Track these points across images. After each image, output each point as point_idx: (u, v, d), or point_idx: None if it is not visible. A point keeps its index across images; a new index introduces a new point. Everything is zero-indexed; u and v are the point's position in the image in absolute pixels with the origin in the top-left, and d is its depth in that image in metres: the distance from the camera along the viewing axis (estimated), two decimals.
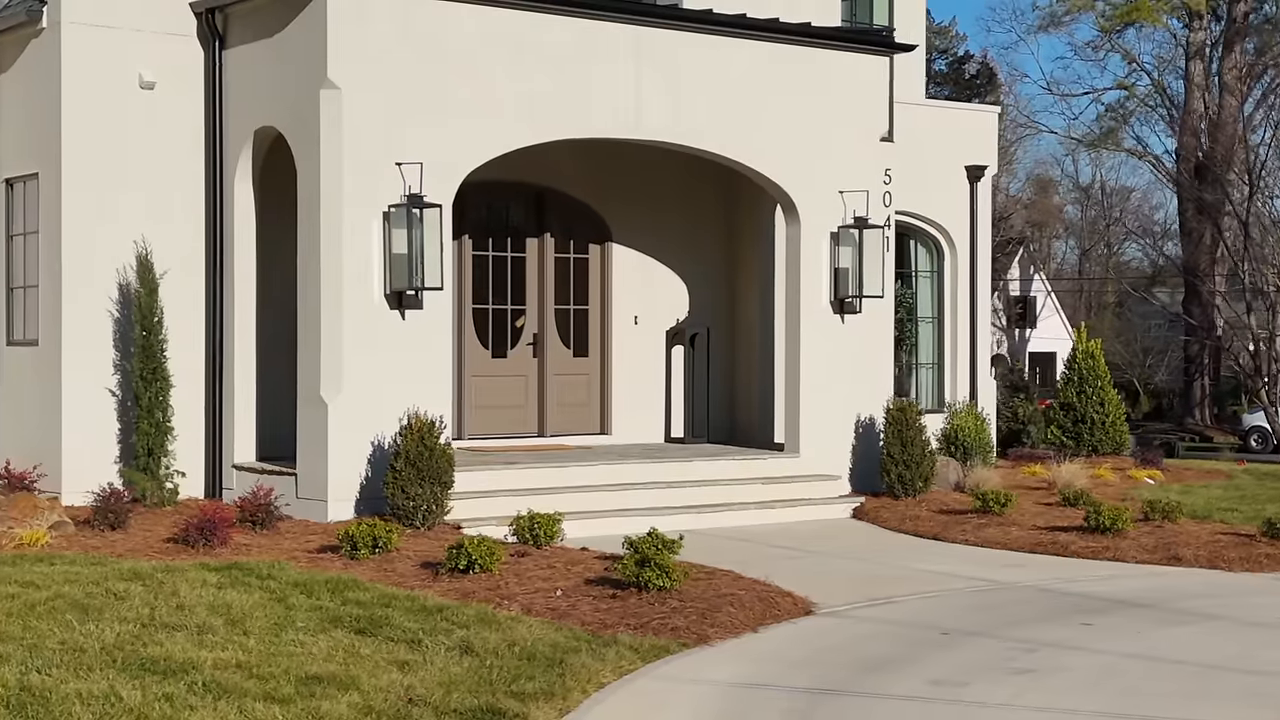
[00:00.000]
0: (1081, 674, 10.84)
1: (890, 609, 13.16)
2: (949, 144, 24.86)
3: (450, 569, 13.28)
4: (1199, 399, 51.50)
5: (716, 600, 12.62)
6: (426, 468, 15.67)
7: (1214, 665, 11.16)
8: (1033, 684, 10.54)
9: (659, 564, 12.66)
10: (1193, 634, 12.34)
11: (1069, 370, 27.51)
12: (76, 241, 17.23)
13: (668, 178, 20.58)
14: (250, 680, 9.65)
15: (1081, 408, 26.83)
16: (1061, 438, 26.71)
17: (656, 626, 11.81)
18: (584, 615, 12.09)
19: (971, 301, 25.67)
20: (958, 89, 68.83)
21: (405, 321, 16.54)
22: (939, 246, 25.69)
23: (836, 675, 10.76)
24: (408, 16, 16.55)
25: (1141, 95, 54.99)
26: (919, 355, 26.06)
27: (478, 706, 9.29)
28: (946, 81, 69.27)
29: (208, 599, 12.03)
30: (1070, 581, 14.60)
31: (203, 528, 14.55)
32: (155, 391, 16.88)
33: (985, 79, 68.96)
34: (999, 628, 12.34)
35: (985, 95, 68.95)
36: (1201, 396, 51.63)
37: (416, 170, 16.29)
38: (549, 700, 9.59)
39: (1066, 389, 27.19)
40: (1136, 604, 13.49)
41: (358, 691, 9.50)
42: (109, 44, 17.33)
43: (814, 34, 19.05)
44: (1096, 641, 11.88)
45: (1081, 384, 27.06)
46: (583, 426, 20.32)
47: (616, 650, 10.97)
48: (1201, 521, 18.04)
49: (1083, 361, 27.30)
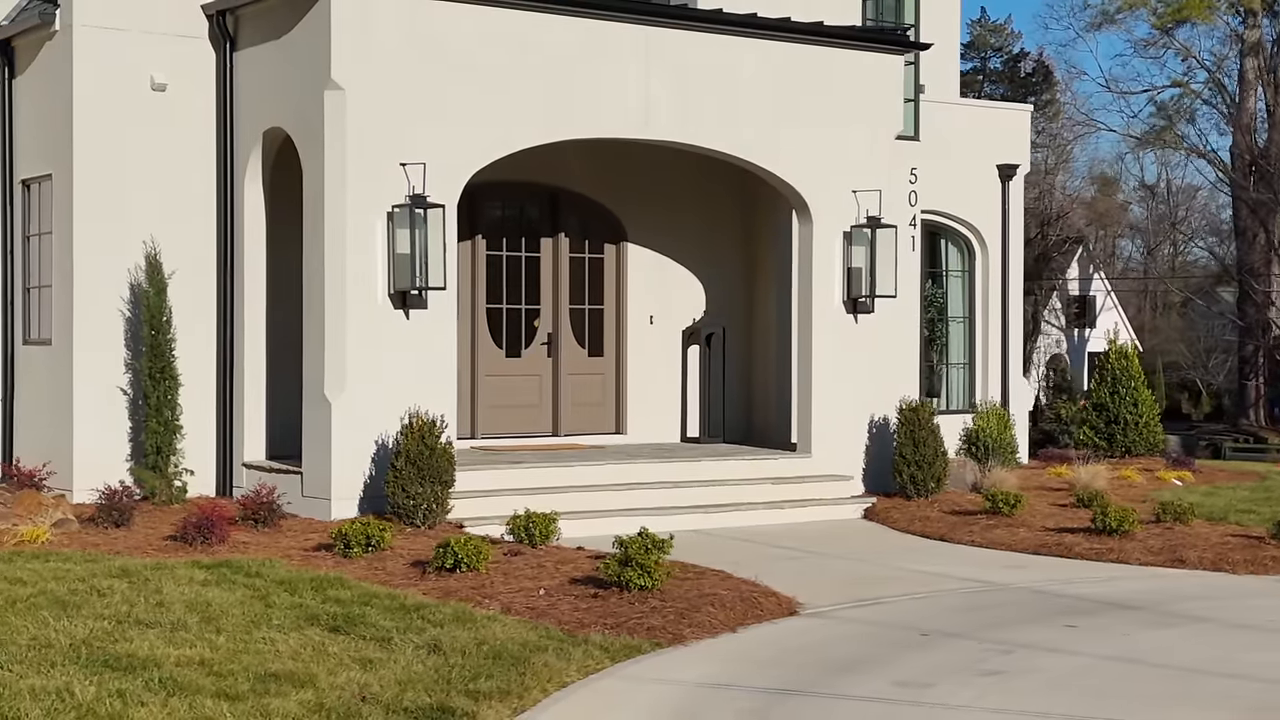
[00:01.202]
0: (1052, 676, 10.78)
1: (876, 610, 13.12)
2: (981, 143, 24.78)
3: (437, 568, 13.33)
4: (1253, 400, 51.06)
5: (698, 600, 12.62)
6: (427, 467, 15.74)
7: (1192, 668, 11.06)
8: (999, 686, 10.48)
9: (640, 564, 12.67)
10: (1178, 636, 12.24)
11: (1101, 371, 27.30)
12: (87, 242, 17.40)
13: (683, 177, 20.58)
14: (209, 677, 9.72)
15: (1115, 408, 26.58)
16: (1094, 439, 26.48)
17: (632, 626, 11.82)
18: (562, 615, 12.11)
19: (1003, 301, 25.56)
20: (1013, 87, 68.46)
21: (409, 321, 16.61)
22: (970, 246, 25.59)
23: (804, 676, 10.74)
24: (412, 17, 16.62)
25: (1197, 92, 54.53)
26: (950, 355, 25.97)
27: (429, 705, 9.33)
28: (1001, 80, 68.95)
29: (188, 596, 12.13)
30: (1067, 583, 14.50)
31: (200, 526, 14.67)
32: (163, 390, 17.03)
33: (1041, 77, 68.53)
34: (980, 629, 12.27)
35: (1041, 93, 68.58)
36: (1256, 397, 51.18)
37: (420, 170, 16.36)
38: (504, 699, 9.61)
39: (1099, 390, 26.97)
40: (1128, 606, 13.39)
41: (313, 689, 9.56)
42: (121, 46, 17.49)
43: (826, 33, 18.99)
44: (1076, 644, 11.80)
45: (1115, 385, 26.80)
46: (598, 426, 20.34)
47: (585, 650, 10.98)
48: (1216, 523, 17.87)
49: (1116, 362, 27.06)
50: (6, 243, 18.63)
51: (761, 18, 18.76)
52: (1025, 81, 68.45)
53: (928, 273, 25.69)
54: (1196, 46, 53.74)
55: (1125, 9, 51.30)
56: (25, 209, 18.55)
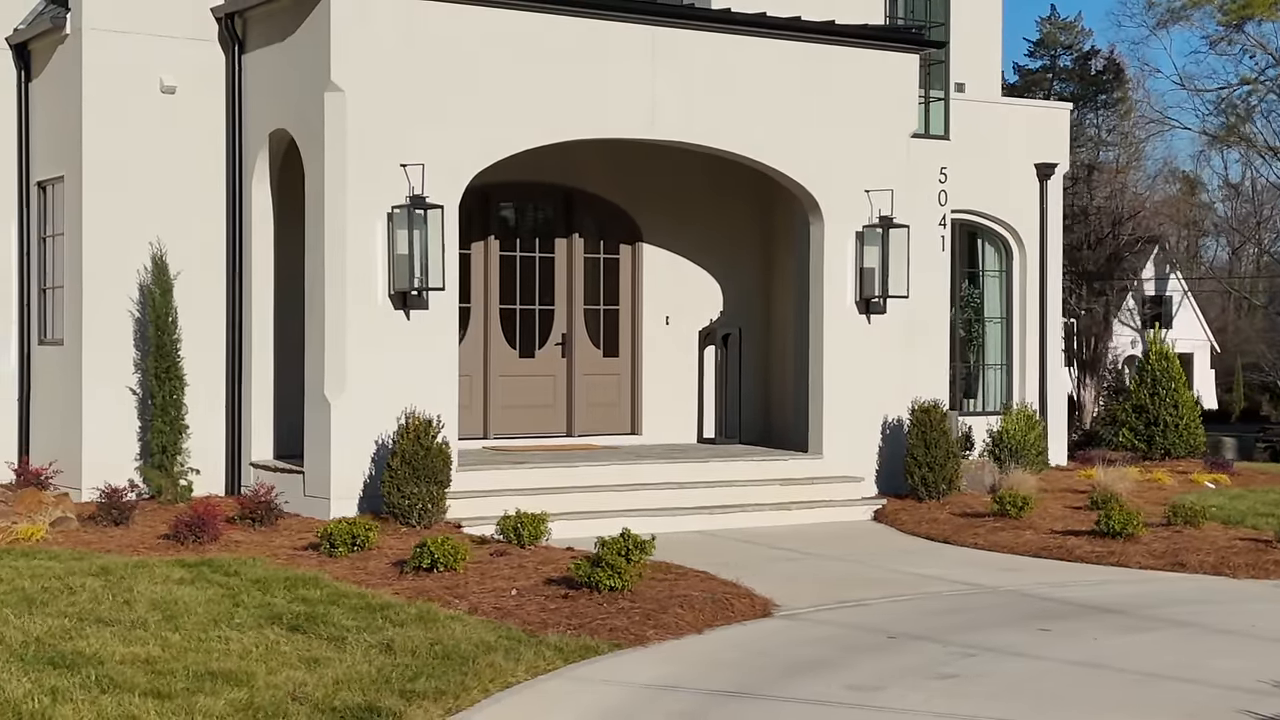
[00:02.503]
0: (1006, 680, 10.66)
1: (852, 612, 13.02)
2: (1019, 142, 24.58)
3: (414, 567, 13.37)
4: None
5: (668, 602, 12.57)
6: (422, 466, 15.78)
7: (1151, 673, 10.90)
8: (949, 689, 10.37)
9: (610, 564, 12.64)
10: (1151, 641, 12.07)
11: (1141, 372, 27.01)
12: (96, 243, 17.58)
13: (700, 178, 20.52)
14: (149, 676, 9.78)
15: (1154, 410, 26.26)
16: (1134, 440, 26.19)
17: (595, 627, 11.79)
18: (527, 615, 12.09)
19: (1041, 301, 25.34)
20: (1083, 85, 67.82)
21: (410, 321, 16.67)
22: (1008, 246, 25.39)
23: (756, 678, 10.67)
24: (413, 19, 16.67)
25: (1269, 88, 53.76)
26: (986, 356, 25.77)
27: (358, 704, 9.33)
28: (1071, 78, 68.30)
29: (158, 595, 12.22)
30: (1057, 586, 14.34)
31: (192, 525, 14.79)
32: (169, 390, 17.18)
33: (1112, 75, 67.75)
34: (951, 632, 12.15)
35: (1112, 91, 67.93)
36: None
37: (420, 171, 16.41)
38: (438, 700, 9.60)
39: (1139, 391, 26.67)
40: (1112, 610, 13.22)
41: (248, 688, 9.59)
42: (130, 49, 17.64)
43: (836, 32, 18.89)
44: (1044, 648, 11.65)
45: (1155, 386, 26.49)
46: (613, 427, 20.33)
47: (538, 650, 10.96)
48: (1231, 527, 17.62)
49: (1156, 363, 26.74)
50: (23, 244, 18.85)
51: (770, 16, 18.69)
52: (1096, 79, 67.73)
53: (965, 272, 25.52)
54: (1272, 43, 53.03)
55: (1191, 6, 50.72)
56: (41, 211, 18.76)
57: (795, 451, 19.56)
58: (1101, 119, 68.93)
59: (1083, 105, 68.91)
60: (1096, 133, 68.76)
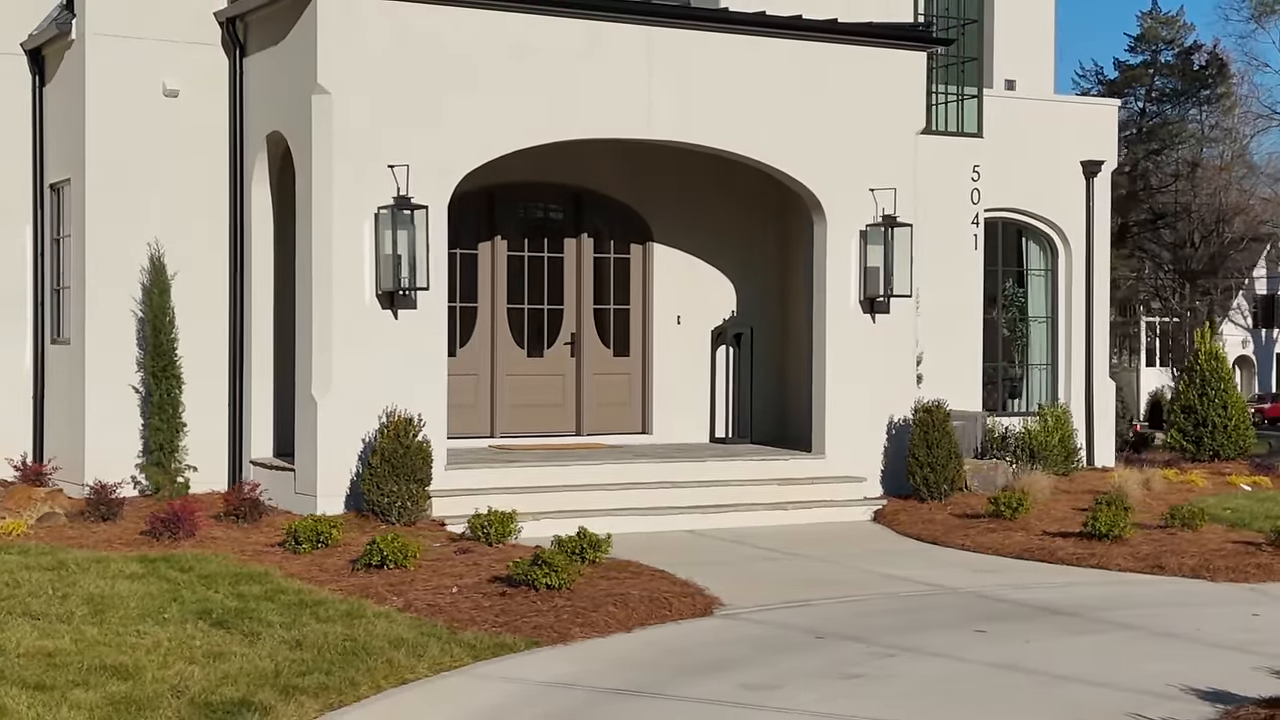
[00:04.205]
0: (910, 682, 10.59)
1: (795, 612, 12.97)
2: (1066, 139, 24.29)
3: (365, 564, 13.51)
4: None
5: (604, 600, 12.60)
6: (401, 465, 15.92)
7: (1064, 676, 10.77)
8: (847, 690, 10.32)
9: (548, 562, 12.70)
10: (1085, 644, 11.92)
11: (1190, 372, 26.55)
12: (99, 243, 17.91)
13: (712, 178, 20.46)
14: (44, 668, 9.99)
15: (1203, 410, 25.77)
16: (1182, 441, 25.76)
17: (520, 624, 11.86)
18: (458, 612, 12.18)
19: (1087, 300, 25.03)
20: (1185, 80, 66.87)
21: (398, 321, 16.81)
22: (1053, 244, 25.10)
23: (656, 677, 10.68)
24: (402, 21, 16.82)
25: None
26: (1031, 356, 25.50)
27: (233, 699, 9.46)
28: (1174, 73, 67.35)
29: (98, 590, 12.45)
30: (1023, 588, 14.19)
31: (168, 521, 15.05)
32: (165, 389, 17.48)
33: (1215, 69, 66.78)
34: (883, 633, 12.08)
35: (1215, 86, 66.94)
36: None
37: (406, 172, 16.56)
38: (319, 695, 9.71)
39: (1187, 391, 26.20)
40: (1064, 612, 13.09)
41: (134, 681, 9.77)
42: (133, 53, 17.96)
43: (837, 30, 18.80)
44: (969, 650, 11.55)
45: (1203, 386, 26.01)
46: (623, 426, 20.36)
47: (445, 647, 11.04)
48: (1236, 529, 17.34)
49: (1205, 363, 26.26)
50: (38, 246, 19.26)
51: (769, 15, 18.64)
52: (1199, 75, 66.80)
53: (1010, 271, 25.28)
54: None
55: None
56: (54, 213, 19.14)
57: (804, 452, 19.47)
58: (1205, 114, 67.91)
59: (1185, 101, 67.94)
60: (1199, 129, 67.77)
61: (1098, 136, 24.96)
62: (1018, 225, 24.98)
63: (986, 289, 24.26)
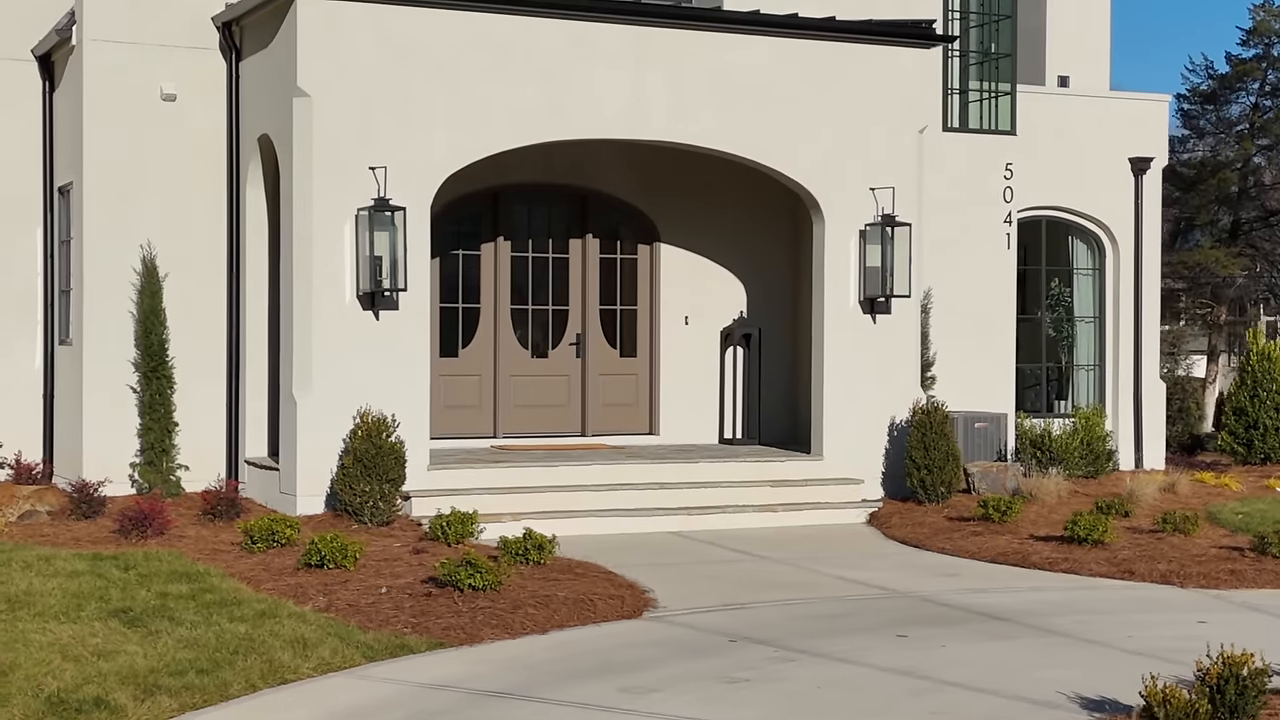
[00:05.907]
0: (793, 687, 10.45)
1: (726, 615, 12.86)
2: (1112, 136, 23.84)
3: (305, 564, 13.60)
4: None
5: (527, 601, 12.58)
6: (374, 465, 15.99)
7: (953, 682, 10.57)
8: (724, 695, 10.23)
9: (472, 563, 12.72)
10: (996, 650, 11.70)
11: (1241, 373, 25.96)
12: (97, 245, 18.16)
13: (720, 178, 20.31)
14: None
15: (1254, 413, 25.21)
16: (1233, 444, 25.19)
17: (430, 625, 11.88)
18: (375, 613, 12.22)
19: (1135, 300, 24.55)
20: None
21: (379, 322, 16.90)
22: (1099, 243, 24.66)
23: (541, 679, 10.65)
24: (384, 24, 16.91)
25: None
26: (1077, 356, 25.08)
27: (90, 698, 9.57)
28: None
29: (25, 587, 12.67)
30: (977, 592, 13.97)
31: (136, 520, 15.26)
32: (156, 389, 17.71)
33: None
34: (799, 638, 11.95)
35: None
36: None
37: (385, 174, 16.64)
38: (179, 695, 9.77)
39: (1239, 393, 25.61)
40: (998, 617, 12.88)
41: (4, 678, 9.91)
42: (131, 58, 18.19)
43: (834, 28, 18.61)
44: (875, 655, 11.38)
45: (1255, 387, 25.43)
46: (629, 426, 20.30)
47: (337, 647, 11.09)
48: (1235, 534, 17.00)
49: (1257, 364, 25.64)
50: (48, 248, 19.59)
51: (764, 14, 18.50)
52: None
53: (1055, 270, 24.87)
54: None
55: None
56: (62, 216, 19.47)
57: (799, 452, 19.29)
58: None
59: None
60: None
61: (1146, 133, 24.47)
62: (1064, 224, 24.56)
63: (1031, 289, 23.91)
